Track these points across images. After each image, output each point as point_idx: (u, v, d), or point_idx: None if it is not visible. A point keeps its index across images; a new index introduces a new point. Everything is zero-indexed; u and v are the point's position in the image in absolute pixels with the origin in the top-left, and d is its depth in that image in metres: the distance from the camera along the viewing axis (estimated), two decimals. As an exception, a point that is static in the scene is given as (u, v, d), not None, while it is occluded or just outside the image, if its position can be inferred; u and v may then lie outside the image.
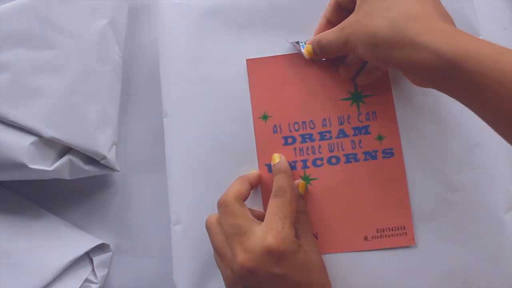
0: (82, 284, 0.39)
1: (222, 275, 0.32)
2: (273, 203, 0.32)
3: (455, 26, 0.29)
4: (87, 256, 0.41)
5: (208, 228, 0.33)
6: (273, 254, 0.29)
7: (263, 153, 0.36)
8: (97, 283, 0.40)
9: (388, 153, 0.36)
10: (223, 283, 0.35)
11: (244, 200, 0.33)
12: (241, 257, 0.29)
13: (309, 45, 0.35)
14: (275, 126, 0.37)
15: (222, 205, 0.32)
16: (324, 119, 0.36)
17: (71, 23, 0.38)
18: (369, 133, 0.36)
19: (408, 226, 0.35)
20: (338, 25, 0.32)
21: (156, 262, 0.42)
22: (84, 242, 0.40)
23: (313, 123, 0.36)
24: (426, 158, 0.35)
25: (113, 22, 0.41)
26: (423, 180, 0.35)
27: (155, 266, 0.42)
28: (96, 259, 0.41)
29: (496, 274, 0.34)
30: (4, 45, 0.37)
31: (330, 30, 0.33)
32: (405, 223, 0.35)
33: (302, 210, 0.34)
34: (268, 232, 0.29)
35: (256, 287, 0.29)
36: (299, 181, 0.35)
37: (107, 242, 0.42)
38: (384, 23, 0.28)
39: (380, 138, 0.36)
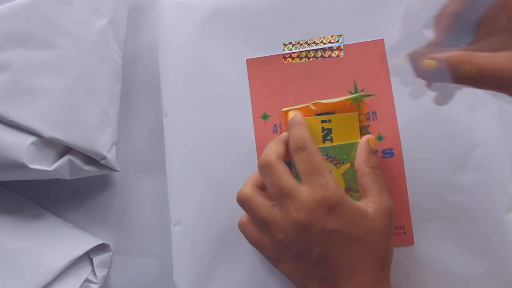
0: (82, 284, 0.39)
1: (266, 248, 0.31)
2: (299, 159, 0.30)
3: None
4: (87, 256, 0.41)
5: (247, 201, 0.31)
6: (324, 205, 0.28)
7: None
8: (97, 283, 0.40)
9: (388, 153, 0.35)
10: (223, 283, 0.35)
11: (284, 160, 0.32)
12: (295, 214, 0.29)
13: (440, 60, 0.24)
14: (275, 125, 0.37)
15: (265, 166, 0.30)
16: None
17: (71, 23, 0.38)
18: (369, 133, 0.36)
19: (407, 226, 0.35)
20: None
21: (156, 262, 0.42)
22: (84, 242, 0.40)
23: (313, 123, 0.36)
24: (426, 159, 0.35)
25: (113, 22, 0.41)
26: (423, 180, 0.35)
27: (155, 266, 0.42)
28: (96, 259, 0.41)
29: (496, 275, 0.34)
30: (4, 45, 0.37)
31: (496, 53, 0.23)
32: (404, 222, 0.35)
33: (375, 166, 0.32)
34: (315, 188, 0.29)
35: (311, 246, 0.29)
36: (370, 136, 0.33)
37: (107, 242, 0.42)
38: None
39: (380, 138, 0.36)
